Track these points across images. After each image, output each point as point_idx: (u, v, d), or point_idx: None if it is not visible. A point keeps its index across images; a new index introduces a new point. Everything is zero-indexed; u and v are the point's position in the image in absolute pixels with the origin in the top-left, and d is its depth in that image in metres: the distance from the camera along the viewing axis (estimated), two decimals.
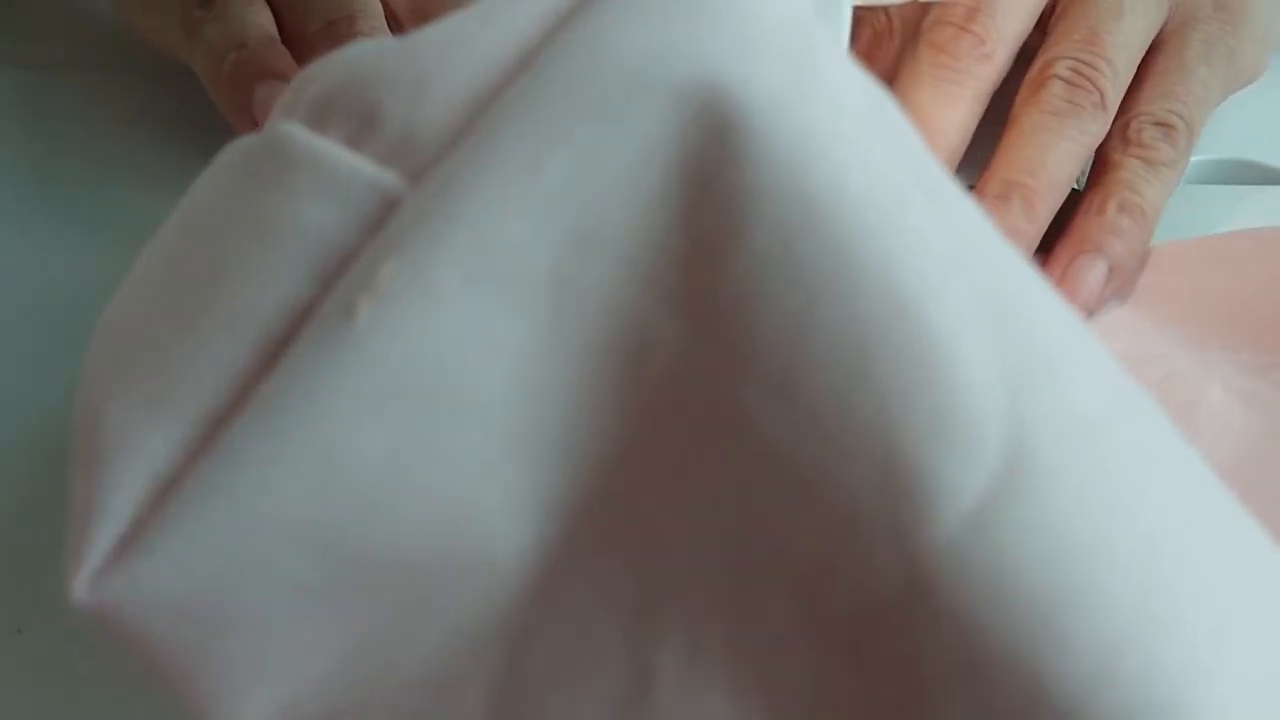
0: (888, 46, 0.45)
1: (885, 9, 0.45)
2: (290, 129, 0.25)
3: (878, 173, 0.23)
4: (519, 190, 0.23)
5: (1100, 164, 0.43)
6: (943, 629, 0.22)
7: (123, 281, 0.26)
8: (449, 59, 0.25)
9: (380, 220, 0.24)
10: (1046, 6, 0.45)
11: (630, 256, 0.23)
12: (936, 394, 0.22)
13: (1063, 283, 0.41)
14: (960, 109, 0.42)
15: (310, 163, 0.24)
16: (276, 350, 0.23)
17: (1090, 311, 0.42)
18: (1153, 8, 0.44)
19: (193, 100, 0.45)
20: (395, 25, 0.44)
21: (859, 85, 0.26)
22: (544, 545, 0.24)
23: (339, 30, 0.42)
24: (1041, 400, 0.23)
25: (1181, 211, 0.45)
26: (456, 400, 0.23)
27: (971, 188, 0.43)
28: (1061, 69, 0.42)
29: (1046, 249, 0.43)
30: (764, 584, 0.23)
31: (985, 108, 0.43)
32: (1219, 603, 0.24)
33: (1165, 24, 0.45)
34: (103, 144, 0.47)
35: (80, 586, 0.23)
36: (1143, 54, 0.44)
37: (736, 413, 0.23)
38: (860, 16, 0.45)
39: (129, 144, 0.47)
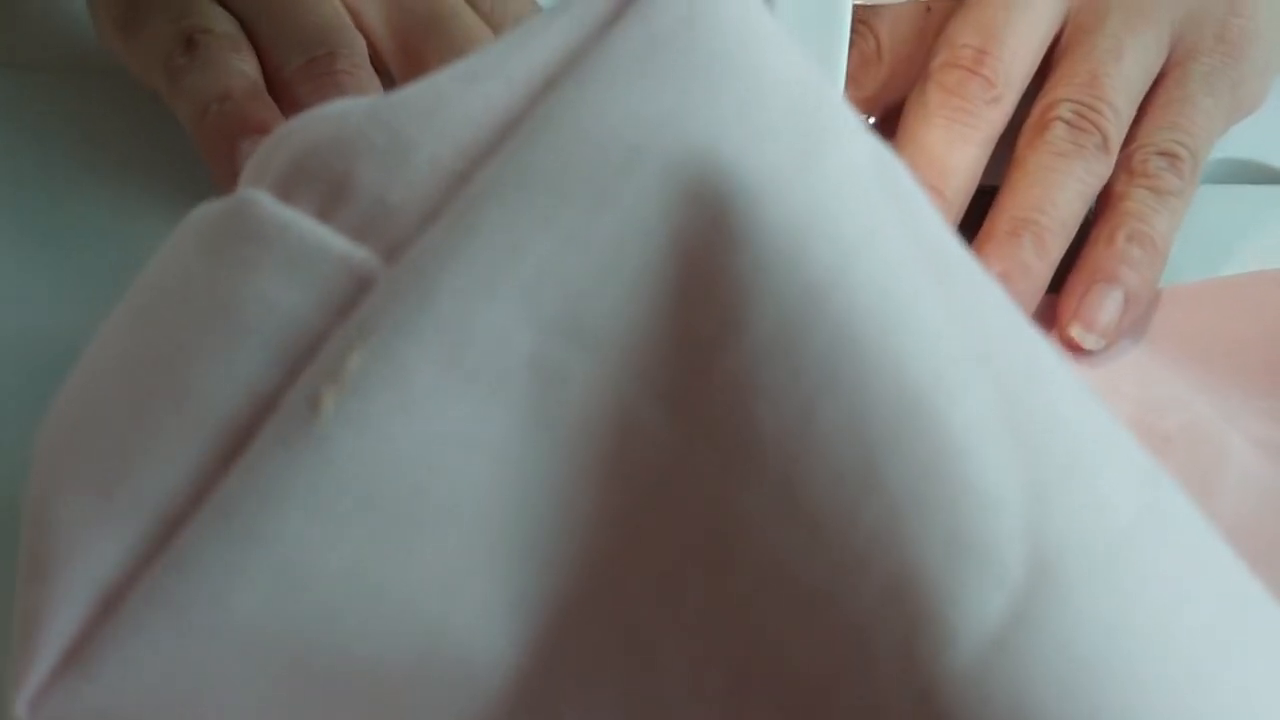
0: (875, 71, 0.45)
1: (875, 34, 0.45)
2: (258, 197, 0.23)
3: (887, 255, 0.22)
4: (498, 275, 0.21)
5: (1106, 197, 0.43)
6: None
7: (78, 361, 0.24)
8: (426, 125, 0.23)
9: (351, 302, 0.22)
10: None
11: (617, 346, 0.22)
12: (953, 506, 0.20)
13: (1078, 314, 0.41)
14: (971, 151, 0.41)
15: (277, 236, 0.23)
16: (237, 445, 0.22)
17: (1107, 342, 0.41)
18: (1152, 48, 0.43)
19: None
20: (378, 61, 0.43)
21: (867, 151, 0.24)
22: (525, 656, 0.22)
23: (319, 67, 0.40)
24: (1066, 508, 0.21)
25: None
26: (428, 502, 0.21)
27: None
28: (1064, 111, 0.42)
29: (1053, 290, 0.42)
30: (761, 706, 0.21)
31: (992, 149, 0.43)
32: None
33: (1168, 58, 0.44)
34: (100, 146, 0.46)
35: (23, 704, 0.21)
36: (1144, 93, 0.44)
37: (733, 519, 0.21)
38: (850, 39, 0.44)
39: (127, 146, 0.46)
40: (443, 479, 0.21)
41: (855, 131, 0.24)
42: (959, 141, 0.41)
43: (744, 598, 0.21)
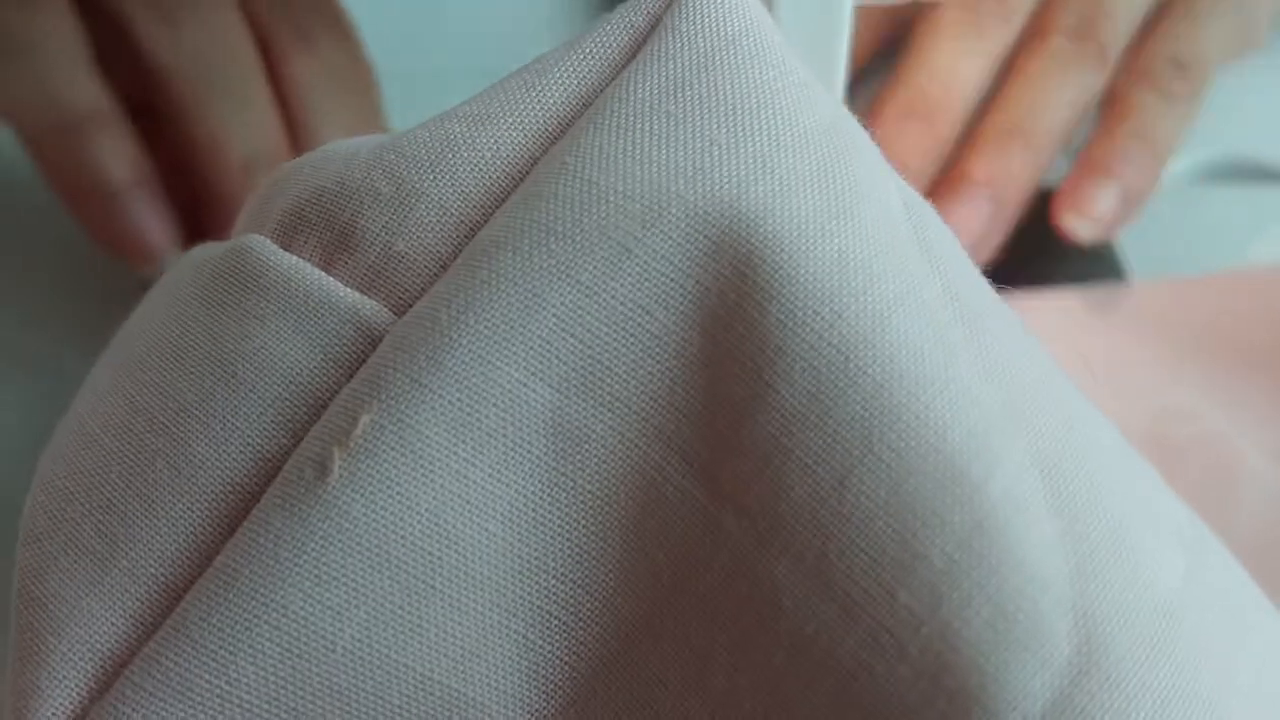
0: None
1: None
2: (258, 243, 0.22)
3: (920, 310, 0.21)
4: (514, 329, 0.20)
5: (1112, 99, 0.43)
6: None
7: (62, 420, 0.23)
8: (434, 170, 0.22)
9: (359, 357, 0.21)
10: None
11: (640, 406, 0.21)
12: (996, 583, 0.19)
13: (1073, 203, 0.41)
14: (977, 63, 0.41)
15: (280, 286, 0.22)
16: (241, 510, 0.21)
17: (1101, 232, 0.41)
18: None
19: None
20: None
21: (896, 194, 0.23)
22: None
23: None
24: (1112, 582, 0.20)
25: (1183, 210, 0.45)
26: (441, 569, 0.20)
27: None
28: (1064, 20, 0.42)
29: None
30: None
31: (998, 70, 0.42)
32: None
33: None
34: None
35: None
36: (1148, 14, 0.44)
37: (762, 592, 0.20)
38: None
39: None
40: (457, 544, 0.20)
41: (886, 175, 0.23)
42: (966, 54, 0.41)
43: (772, 676, 0.20)
